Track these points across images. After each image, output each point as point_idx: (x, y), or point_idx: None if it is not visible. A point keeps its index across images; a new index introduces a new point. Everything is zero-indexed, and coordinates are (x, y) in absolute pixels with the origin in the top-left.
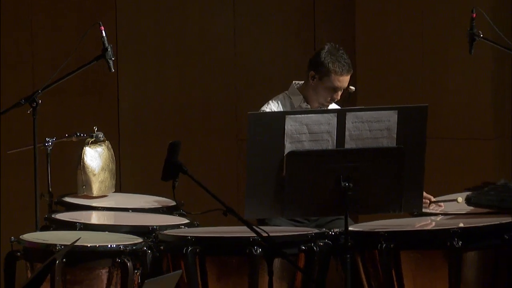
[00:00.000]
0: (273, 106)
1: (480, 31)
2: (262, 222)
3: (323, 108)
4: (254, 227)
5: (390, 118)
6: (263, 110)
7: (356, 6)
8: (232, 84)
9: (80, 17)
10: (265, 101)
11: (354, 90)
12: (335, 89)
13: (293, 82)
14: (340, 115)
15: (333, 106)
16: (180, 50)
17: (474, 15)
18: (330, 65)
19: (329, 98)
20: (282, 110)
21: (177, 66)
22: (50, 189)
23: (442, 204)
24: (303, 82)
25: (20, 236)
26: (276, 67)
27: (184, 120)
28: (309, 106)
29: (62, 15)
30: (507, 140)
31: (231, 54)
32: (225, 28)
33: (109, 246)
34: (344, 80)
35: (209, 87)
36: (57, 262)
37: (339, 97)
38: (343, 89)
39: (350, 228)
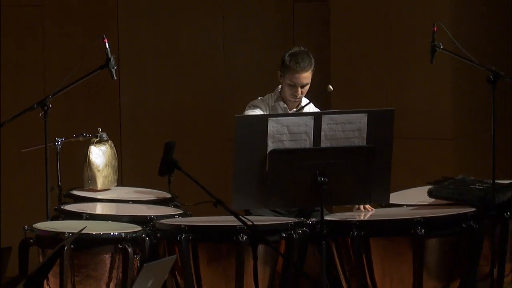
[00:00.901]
0: (258, 103)
1: (440, 43)
2: (248, 212)
3: (292, 101)
4: (240, 217)
5: (361, 120)
6: (252, 105)
7: (331, 21)
8: (220, 90)
9: (87, 29)
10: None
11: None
12: (294, 85)
13: (278, 86)
14: (317, 118)
15: (312, 109)
16: (175, 60)
17: (436, 28)
18: (288, 63)
19: (292, 94)
20: (263, 108)
21: (172, 74)
22: (60, 183)
23: (372, 208)
24: None
25: (33, 225)
26: (259, 75)
27: (178, 122)
28: (285, 105)
29: (71, 27)
30: (464, 139)
31: (220, 63)
32: (215, 39)
33: (111, 233)
34: (300, 77)
35: (200, 93)
36: (65, 248)
37: (299, 93)
38: (307, 84)
39: (325, 218)
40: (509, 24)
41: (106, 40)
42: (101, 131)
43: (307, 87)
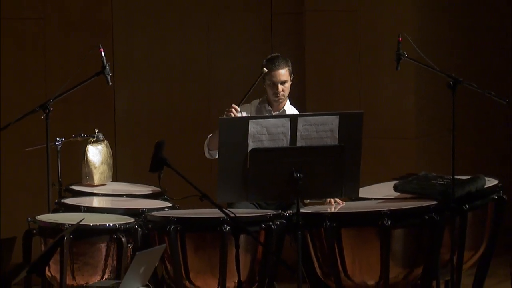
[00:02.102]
0: (248, 107)
1: (405, 52)
2: (231, 205)
3: (276, 100)
4: (224, 209)
5: (333, 121)
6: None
7: (306, 32)
8: (206, 94)
9: (84, 40)
10: None
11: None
12: (274, 84)
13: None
14: (293, 120)
15: (292, 110)
16: (164, 67)
17: (400, 39)
18: (266, 65)
19: (274, 93)
20: (252, 111)
21: (162, 81)
22: (60, 179)
23: (342, 202)
24: None
25: (36, 217)
26: (240, 81)
27: (167, 123)
28: (270, 108)
29: (70, 38)
30: (426, 139)
31: (205, 70)
32: (201, 48)
33: (107, 225)
34: (277, 75)
35: (187, 97)
36: (65, 238)
37: (280, 90)
38: (286, 81)
39: (301, 210)
40: (469, 34)
41: (102, 50)
42: (97, 132)
43: (287, 85)
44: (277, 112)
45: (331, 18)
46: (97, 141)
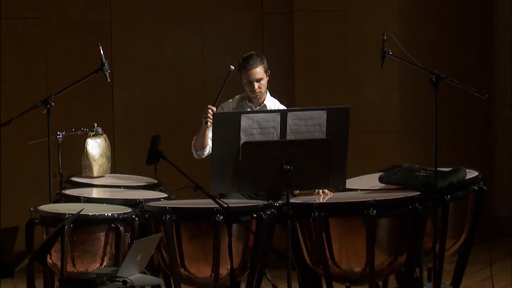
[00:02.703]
0: (228, 104)
1: (389, 50)
2: (222, 196)
3: (254, 97)
4: (217, 200)
5: (321, 116)
6: (221, 107)
7: (295, 30)
8: (199, 90)
9: (84, 39)
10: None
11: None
12: (249, 82)
13: None
14: (283, 114)
15: (273, 103)
16: (160, 65)
17: (385, 37)
18: (241, 64)
19: (251, 91)
20: (233, 107)
21: (158, 77)
22: (61, 171)
23: (330, 192)
24: None
25: (38, 207)
26: (233, 78)
27: (163, 118)
28: (251, 104)
29: (71, 37)
30: (410, 133)
31: (199, 67)
32: (195, 47)
33: (106, 214)
34: (252, 73)
35: (182, 93)
36: (66, 227)
37: (256, 88)
38: (261, 79)
39: (290, 201)
40: (450, 33)
41: (101, 48)
42: (96, 126)
43: (263, 82)
44: (258, 107)
45: (319, 18)
46: (96, 135)
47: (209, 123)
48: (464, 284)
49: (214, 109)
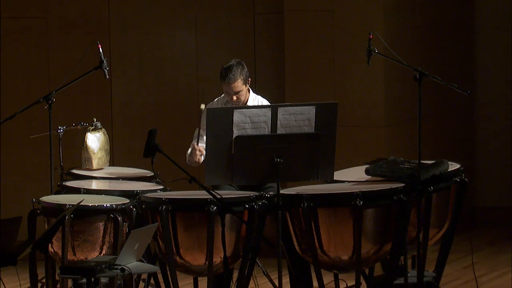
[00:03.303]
0: (216, 101)
1: (375, 48)
2: (215, 187)
3: (232, 103)
4: (211, 191)
5: (310, 111)
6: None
7: (285, 29)
8: (194, 87)
9: (84, 37)
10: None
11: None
12: (227, 93)
13: None
14: (274, 109)
15: (257, 101)
16: (156, 62)
17: (371, 36)
18: (221, 75)
19: (230, 100)
20: (220, 105)
21: (154, 74)
22: (62, 164)
23: None
24: None
25: (40, 198)
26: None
27: (159, 113)
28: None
29: (71, 36)
30: (395, 127)
31: (194, 65)
32: (189, 44)
33: (105, 205)
34: (230, 87)
35: (177, 89)
36: (66, 217)
37: (234, 99)
38: (240, 92)
39: (281, 192)
40: (433, 31)
41: (100, 46)
42: (96, 121)
43: (242, 92)
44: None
45: (308, 17)
46: (95, 129)
47: (202, 158)
48: (447, 272)
49: (200, 148)
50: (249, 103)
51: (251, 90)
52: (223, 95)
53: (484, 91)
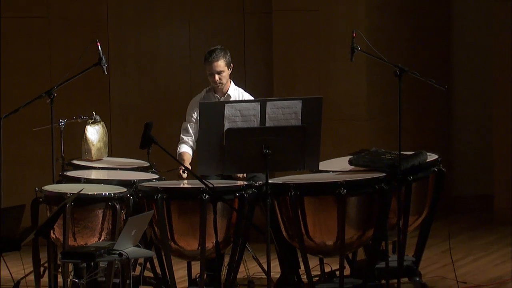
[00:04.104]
0: (197, 97)
1: (358, 46)
2: (205, 177)
3: (217, 87)
4: (203, 180)
5: (296, 105)
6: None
7: (273, 28)
8: (188, 81)
9: (84, 36)
10: None
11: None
12: (211, 74)
13: None
14: (263, 104)
15: (237, 92)
16: (152, 59)
17: (354, 34)
18: (205, 57)
19: (213, 81)
20: (201, 99)
21: (150, 70)
22: (63, 155)
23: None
24: None
25: (42, 187)
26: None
27: (155, 106)
28: (217, 95)
29: (71, 34)
30: (376, 121)
31: (187, 60)
32: (183, 42)
33: (103, 194)
34: (213, 66)
35: (172, 84)
36: (67, 205)
37: (217, 79)
38: (221, 72)
39: (269, 181)
40: (412, 30)
41: (99, 44)
42: (95, 114)
43: (224, 74)
44: (223, 97)
45: (295, 16)
46: (94, 122)
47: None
48: (425, 256)
49: (184, 171)
50: (230, 93)
51: (232, 81)
52: (203, 91)
53: (460, 86)
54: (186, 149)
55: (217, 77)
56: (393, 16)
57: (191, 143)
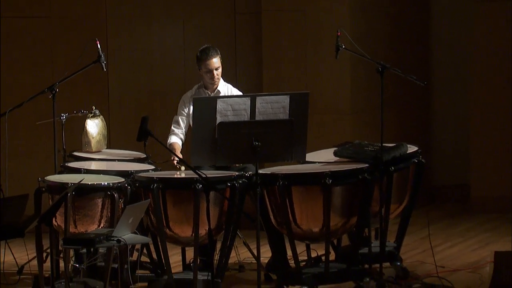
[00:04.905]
0: (189, 93)
1: (343, 44)
2: (198, 168)
3: (212, 83)
4: (197, 171)
5: (284, 100)
6: (182, 99)
7: (263, 28)
8: (182, 77)
9: (84, 34)
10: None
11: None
12: (209, 71)
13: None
14: (253, 98)
15: (226, 88)
16: (148, 57)
17: (339, 33)
18: (200, 56)
19: (210, 78)
20: (192, 95)
21: (147, 67)
22: (64, 147)
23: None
24: None
25: (45, 177)
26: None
27: (151, 101)
28: (208, 91)
29: (72, 33)
30: (360, 114)
31: (181, 59)
32: (177, 40)
33: (102, 184)
34: (211, 63)
35: (167, 81)
36: (68, 194)
37: (215, 75)
38: (218, 67)
39: (259, 171)
40: (394, 28)
41: (98, 42)
42: (94, 109)
43: (220, 69)
44: (213, 93)
45: (283, 17)
46: (94, 116)
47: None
48: (406, 242)
49: (177, 162)
50: (220, 88)
51: (221, 78)
52: (194, 87)
53: (438, 82)
54: (176, 140)
55: (215, 73)
56: (376, 16)
57: (181, 135)
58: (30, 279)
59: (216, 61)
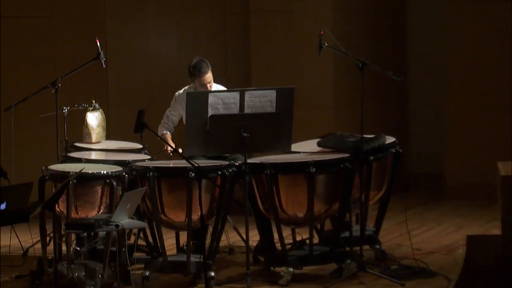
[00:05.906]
0: (182, 92)
1: (325, 42)
2: (191, 158)
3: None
4: (190, 160)
5: (271, 94)
6: (174, 97)
7: (251, 28)
8: (176, 74)
9: (85, 33)
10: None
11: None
12: (203, 85)
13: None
14: (242, 93)
15: (216, 88)
16: (144, 55)
17: (322, 32)
18: (193, 72)
19: (204, 89)
20: (183, 96)
21: (143, 65)
22: (66, 138)
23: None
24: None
25: (48, 166)
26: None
27: (147, 96)
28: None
29: (74, 32)
30: (341, 108)
31: (175, 55)
32: (172, 39)
33: (102, 172)
34: (204, 79)
35: (162, 78)
36: (70, 182)
37: (208, 87)
38: (211, 80)
39: (248, 161)
40: (373, 28)
41: (97, 40)
42: (94, 102)
43: (212, 81)
44: None
45: (270, 17)
46: (94, 109)
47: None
48: (384, 226)
49: (170, 151)
50: (212, 89)
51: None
52: (186, 87)
53: (415, 77)
54: (166, 131)
55: (208, 86)
56: (356, 15)
57: (170, 128)
58: (34, 261)
59: (208, 76)
